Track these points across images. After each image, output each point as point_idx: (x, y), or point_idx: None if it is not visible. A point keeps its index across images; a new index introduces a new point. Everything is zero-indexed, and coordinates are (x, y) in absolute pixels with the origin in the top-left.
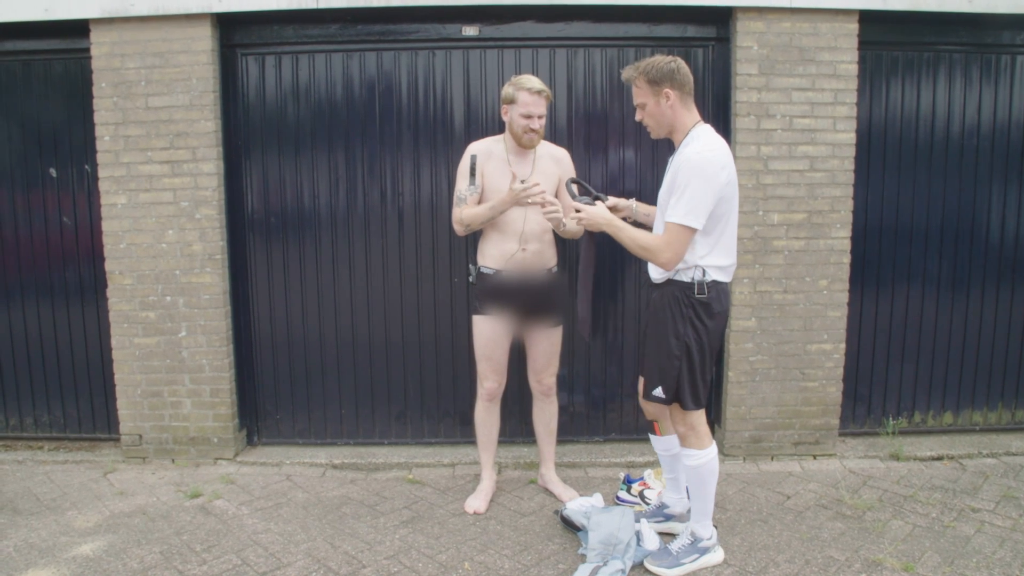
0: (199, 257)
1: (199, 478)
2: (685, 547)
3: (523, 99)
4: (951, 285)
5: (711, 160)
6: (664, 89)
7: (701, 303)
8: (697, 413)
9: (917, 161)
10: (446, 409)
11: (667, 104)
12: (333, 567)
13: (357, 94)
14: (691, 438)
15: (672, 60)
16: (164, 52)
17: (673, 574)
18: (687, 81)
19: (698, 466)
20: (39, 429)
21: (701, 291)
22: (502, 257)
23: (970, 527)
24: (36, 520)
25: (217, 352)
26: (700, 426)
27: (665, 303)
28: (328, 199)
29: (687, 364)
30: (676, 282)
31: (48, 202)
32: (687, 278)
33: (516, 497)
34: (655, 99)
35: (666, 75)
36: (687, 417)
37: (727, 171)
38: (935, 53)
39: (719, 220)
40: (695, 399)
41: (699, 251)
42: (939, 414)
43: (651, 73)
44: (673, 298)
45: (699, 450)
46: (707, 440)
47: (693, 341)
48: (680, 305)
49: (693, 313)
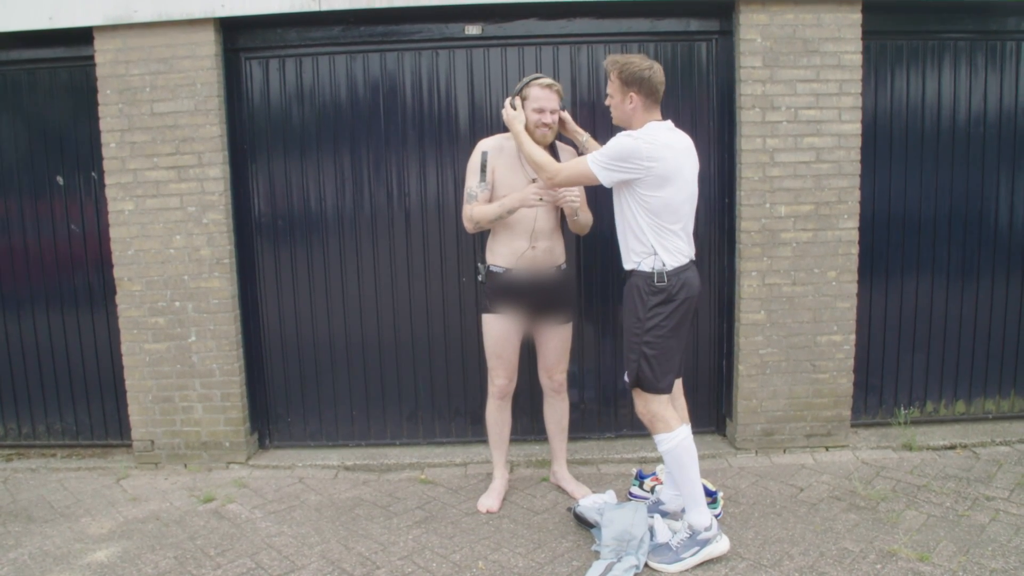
0: (207, 262)
1: (212, 482)
2: (684, 541)
3: (535, 94)
4: (960, 273)
5: (639, 143)
6: (631, 92)
7: (660, 290)
8: (657, 399)
9: (924, 150)
10: (457, 408)
11: (630, 106)
12: (347, 569)
13: (361, 95)
14: (657, 424)
15: (648, 67)
16: (168, 58)
17: (674, 569)
18: (655, 89)
19: (671, 449)
20: (52, 437)
21: (660, 279)
22: (512, 255)
23: (985, 516)
24: (50, 527)
25: (227, 356)
26: (662, 410)
27: (630, 292)
28: (335, 200)
29: (648, 350)
30: (639, 272)
31: (56, 210)
32: (647, 268)
33: (529, 495)
34: (621, 96)
35: (636, 80)
36: (648, 403)
37: (656, 158)
38: (939, 41)
39: (665, 208)
40: (655, 384)
41: (650, 239)
42: (951, 403)
43: (624, 73)
44: (636, 287)
45: (667, 432)
46: (674, 423)
47: (654, 327)
48: (642, 293)
49: (655, 301)
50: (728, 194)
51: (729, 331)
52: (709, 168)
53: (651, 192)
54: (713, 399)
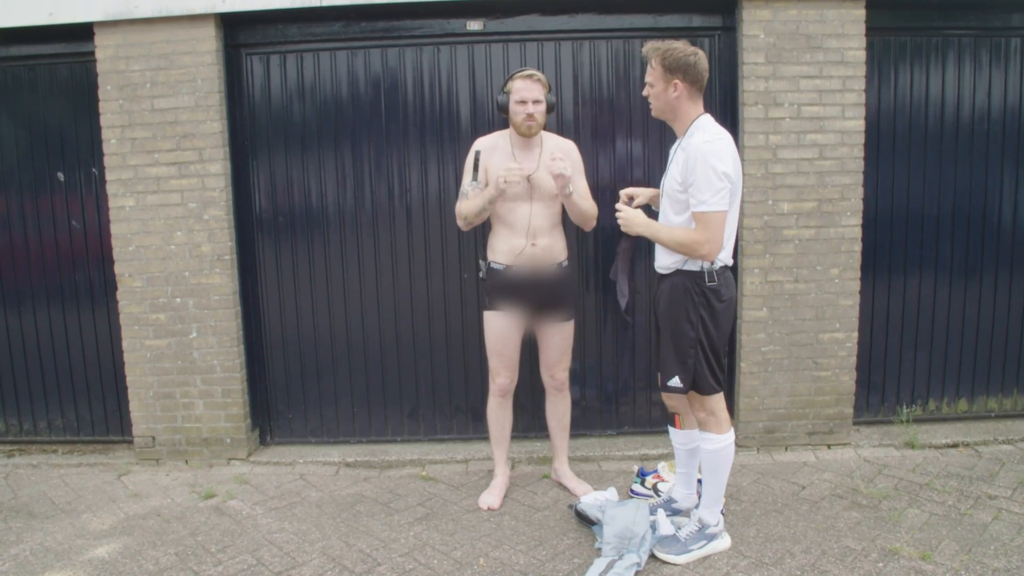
0: (208, 258)
1: (213, 479)
2: (693, 534)
3: (516, 86)
4: (963, 271)
5: (719, 148)
6: (675, 79)
7: (712, 290)
8: (716, 398)
9: (927, 147)
10: (458, 405)
11: (674, 94)
12: (348, 565)
13: (362, 91)
14: (711, 423)
15: (693, 53)
16: (169, 54)
17: (681, 560)
18: (701, 76)
19: (716, 450)
20: (53, 433)
21: (711, 279)
22: (511, 252)
23: (987, 514)
24: (52, 523)
25: (228, 352)
26: (720, 411)
27: (676, 293)
28: (336, 197)
29: (702, 351)
30: (685, 271)
31: (56, 206)
32: (696, 267)
33: (530, 492)
34: (664, 85)
35: (681, 66)
36: (706, 402)
37: (733, 159)
38: (943, 37)
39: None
40: (713, 384)
41: None
42: (954, 401)
43: (667, 59)
44: (683, 287)
45: (718, 435)
46: (726, 426)
47: (707, 327)
48: (691, 293)
49: (704, 300)
50: None
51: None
52: None
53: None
54: None
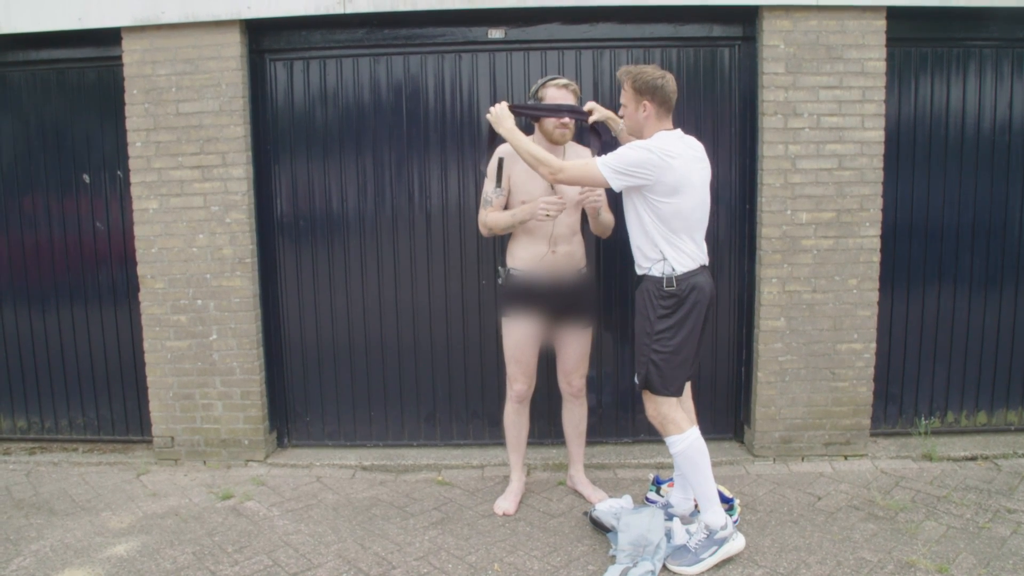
0: (229, 261)
1: (230, 480)
2: (702, 542)
3: (551, 95)
4: (983, 283)
5: (649, 144)
6: (644, 100)
7: (670, 295)
8: (667, 401)
9: (947, 158)
10: (475, 411)
11: (643, 114)
12: (363, 568)
13: (384, 98)
14: (667, 426)
15: (661, 76)
16: (194, 59)
17: (694, 571)
18: (669, 98)
19: (682, 451)
20: (74, 431)
21: (670, 284)
22: (532, 259)
23: (1006, 528)
24: (71, 520)
25: (247, 355)
26: (671, 412)
27: (641, 296)
28: (356, 202)
29: (656, 355)
30: (650, 277)
31: (81, 207)
32: (658, 273)
33: (545, 498)
34: (635, 106)
35: (649, 88)
36: (658, 405)
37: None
38: (964, 48)
39: (675, 214)
40: (664, 386)
41: (660, 244)
42: (972, 414)
43: (637, 82)
44: (647, 292)
45: (678, 435)
46: (684, 424)
47: (664, 331)
48: (652, 298)
49: (664, 305)
50: (749, 200)
51: (748, 337)
52: (730, 174)
53: (661, 199)
54: (731, 406)
